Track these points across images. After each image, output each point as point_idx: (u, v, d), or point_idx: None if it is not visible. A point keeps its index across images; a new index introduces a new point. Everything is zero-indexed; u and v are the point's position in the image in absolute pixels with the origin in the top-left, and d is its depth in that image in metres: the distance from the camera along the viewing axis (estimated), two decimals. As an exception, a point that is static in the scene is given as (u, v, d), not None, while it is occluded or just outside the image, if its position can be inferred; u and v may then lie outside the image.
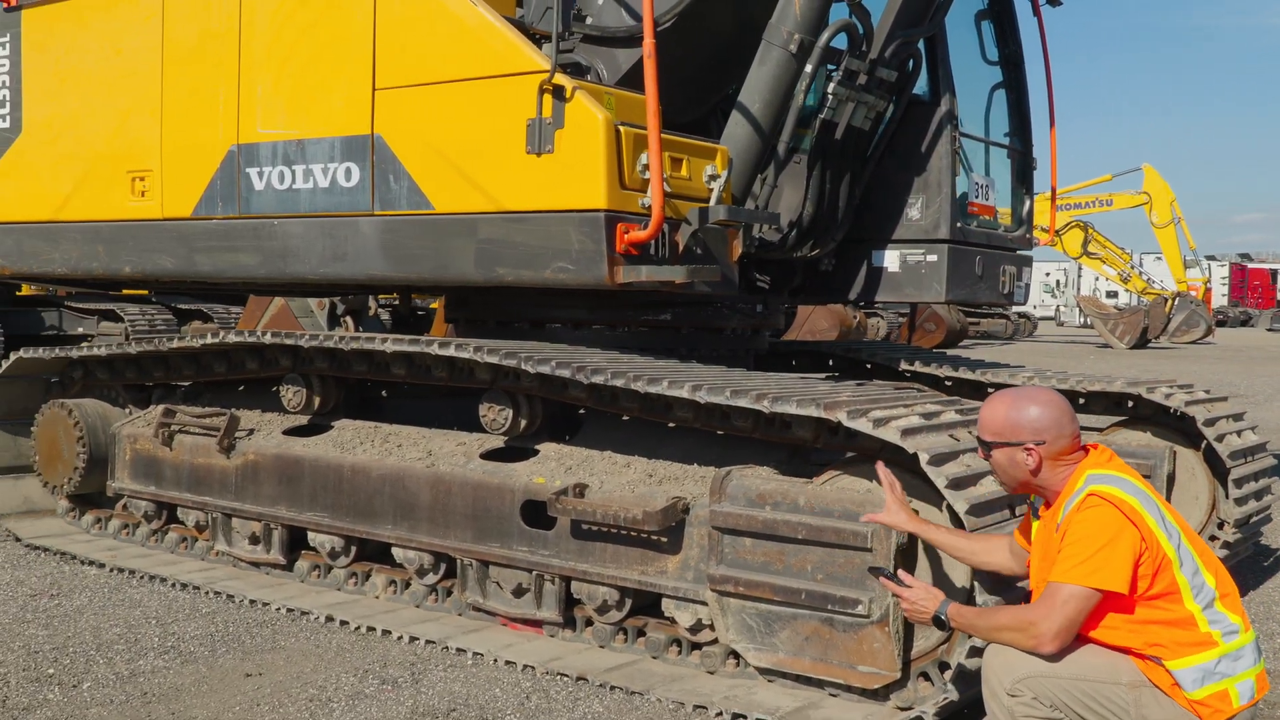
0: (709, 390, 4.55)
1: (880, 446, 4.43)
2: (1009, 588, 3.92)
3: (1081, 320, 46.99)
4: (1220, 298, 59.76)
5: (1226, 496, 6.16)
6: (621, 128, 4.97)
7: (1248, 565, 6.78)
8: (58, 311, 17.82)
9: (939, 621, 3.54)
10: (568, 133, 4.99)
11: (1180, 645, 3.24)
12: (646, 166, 4.99)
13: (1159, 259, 36.57)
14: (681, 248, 5.19)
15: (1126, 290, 36.74)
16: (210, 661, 4.99)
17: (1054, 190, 7.42)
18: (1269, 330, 53.65)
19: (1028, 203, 7.17)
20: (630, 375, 4.75)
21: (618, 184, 4.95)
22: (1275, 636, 5.63)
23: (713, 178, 5.35)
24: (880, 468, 4.11)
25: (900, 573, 3.79)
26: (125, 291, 18.45)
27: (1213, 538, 6.20)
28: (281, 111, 5.88)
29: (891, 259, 6.51)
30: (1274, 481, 6.57)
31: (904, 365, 7.15)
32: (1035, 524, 3.55)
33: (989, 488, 4.08)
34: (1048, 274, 59.30)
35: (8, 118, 7.09)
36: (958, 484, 4.00)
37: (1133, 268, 34.32)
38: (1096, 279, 50.76)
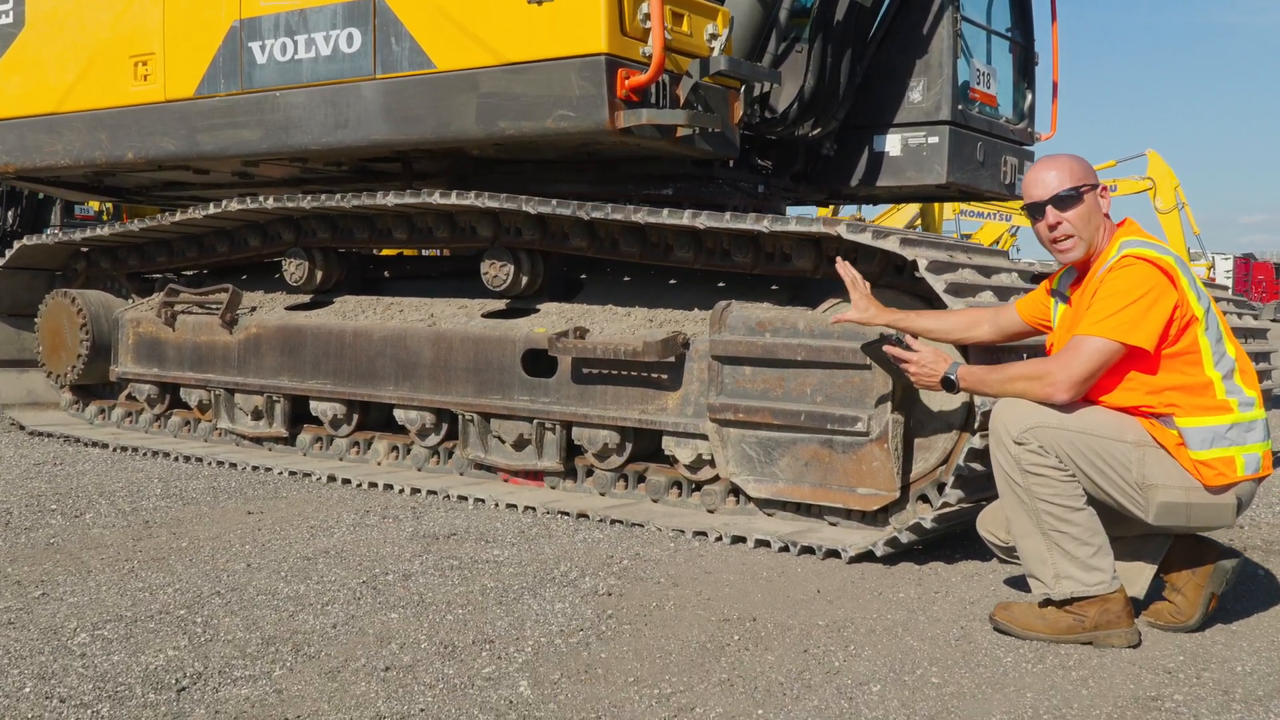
0: (709, 216, 4.56)
1: (880, 271, 4.45)
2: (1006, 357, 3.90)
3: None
4: (1224, 290, 59.37)
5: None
6: (623, -26, 4.98)
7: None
8: None
9: (948, 382, 3.49)
10: (569, -22, 5.00)
11: (1195, 408, 3.20)
12: (648, 16, 5.00)
13: (1164, 250, 36.45)
14: (682, 100, 5.19)
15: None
16: (212, 504, 5.01)
17: (1055, 85, 7.42)
18: (1273, 320, 53.59)
19: (1030, 96, 7.19)
20: (630, 209, 4.76)
21: (618, 29, 4.95)
22: (1274, 506, 5.63)
23: (713, 36, 5.35)
24: (840, 264, 4.01)
25: (906, 338, 3.75)
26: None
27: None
28: (284, -18, 5.89)
29: (893, 143, 6.51)
30: (1270, 368, 6.57)
31: None
32: (1062, 307, 3.48)
33: (986, 298, 4.08)
34: (1052, 264, 58.95)
35: (10, 13, 7.08)
36: (956, 290, 4.00)
37: (1137, 249, 34.19)
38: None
